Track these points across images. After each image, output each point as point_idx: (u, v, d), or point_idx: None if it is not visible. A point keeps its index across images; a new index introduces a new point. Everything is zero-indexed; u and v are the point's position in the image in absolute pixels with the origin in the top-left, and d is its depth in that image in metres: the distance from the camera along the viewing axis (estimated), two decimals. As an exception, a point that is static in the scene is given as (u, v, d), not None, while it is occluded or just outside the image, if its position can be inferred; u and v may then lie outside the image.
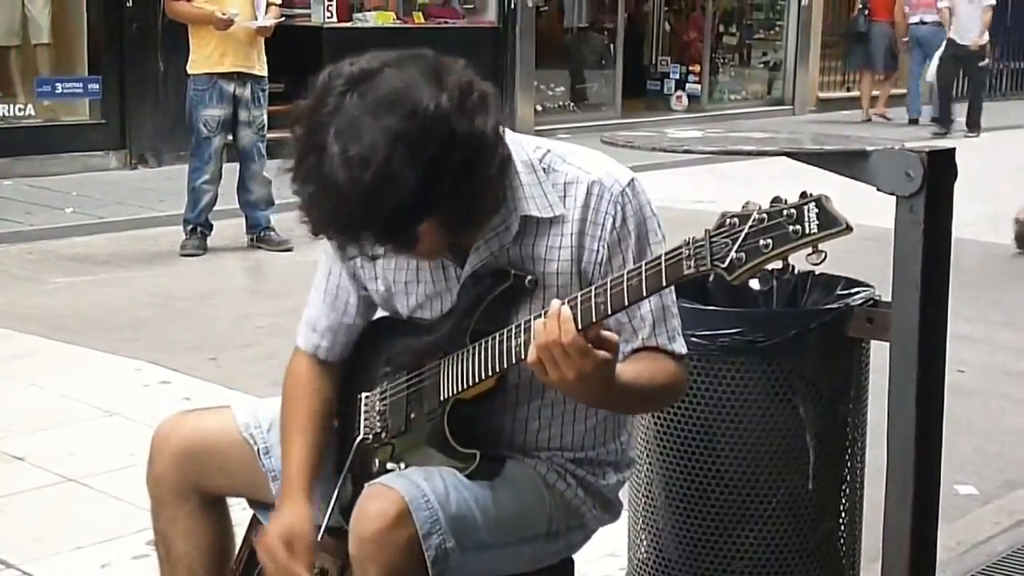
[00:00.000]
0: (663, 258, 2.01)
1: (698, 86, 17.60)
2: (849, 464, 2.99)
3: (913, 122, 17.20)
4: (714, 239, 1.93)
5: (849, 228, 1.85)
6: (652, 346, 2.37)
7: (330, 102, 2.13)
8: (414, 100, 2.10)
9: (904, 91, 17.98)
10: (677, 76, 17.54)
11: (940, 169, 2.64)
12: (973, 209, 8.94)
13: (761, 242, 1.88)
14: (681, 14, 18.24)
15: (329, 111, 2.13)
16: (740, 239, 1.90)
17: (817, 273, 3.16)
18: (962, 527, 4.09)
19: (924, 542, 2.82)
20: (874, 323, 2.88)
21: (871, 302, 2.93)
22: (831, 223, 1.85)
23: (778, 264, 1.91)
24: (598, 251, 2.35)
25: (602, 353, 2.09)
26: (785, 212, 1.88)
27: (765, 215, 1.89)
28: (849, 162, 2.73)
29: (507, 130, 2.31)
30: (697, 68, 17.64)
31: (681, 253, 1.98)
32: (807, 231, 1.85)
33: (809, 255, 1.88)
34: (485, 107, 2.18)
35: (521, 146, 2.38)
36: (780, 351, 2.85)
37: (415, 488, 2.26)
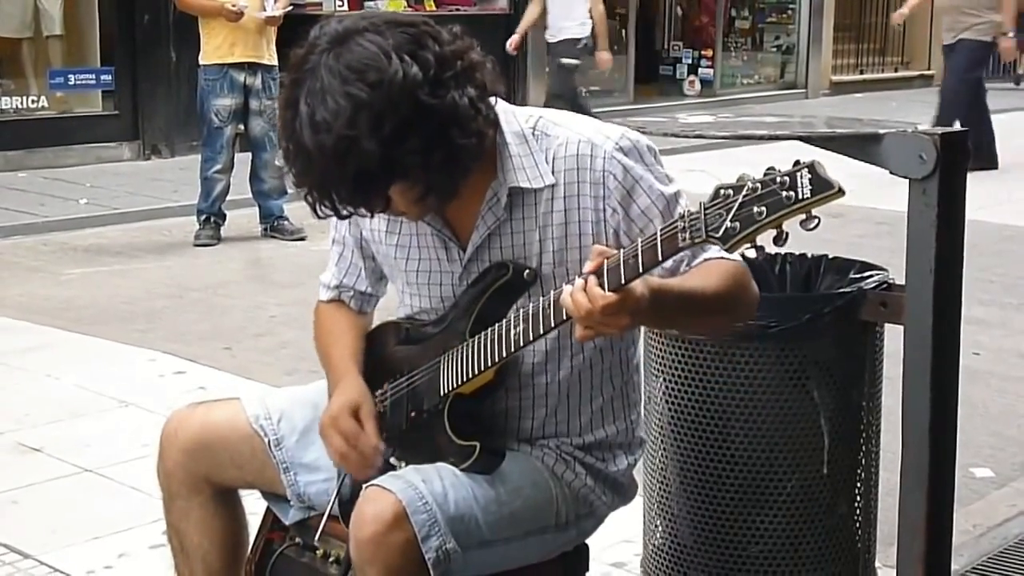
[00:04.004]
0: (659, 232, 2.02)
1: (711, 71, 17.55)
2: (864, 448, 2.98)
3: None
4: (708, 211, 1.94)
5: (841, 191, 1.86)
6: (698, 263, 2.32)
7: (311, 59, 2.18)
8: (382, 69, 2.13)
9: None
10: (689, 61, 17.50)
11: (953, 152, 2.63)
12: (988, 190, 8.94)
13: (755, 210, 1.89)
14: (693, -1, 18.21)
15: (308, 69, 2.18)
16: (734, 208, 1.91)
17: (831, 257, 3.15)
18: (978, 510, 4.08)
19: (940, 526, 2.82)
20: (888, 307, 2.87)
21: (885, 286, 2.92)
22: (824, 187, 1.86)
23: (773, 232, 1.91)
24: (604, 210, 2.34)
25: (632, 287, 2.06)
26: (778, 179, 1.89)
27: (759, 184, 1.90)
28: (862, 146, 2.72)
29: (500, 101, 2.33)
30: (709, 53, 17.61)
31: (676, 226, 1.99)
32: (800, 196, 1.86)
33: (803, 222, 1.88)
34: (466, 80, 2.20)
35: (514, 116, 2.39)
36: (794, 336, 2.84)
37: (412, 491, 2.26)
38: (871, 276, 2.96)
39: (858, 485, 2.99)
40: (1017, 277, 7.66)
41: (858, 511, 3.00)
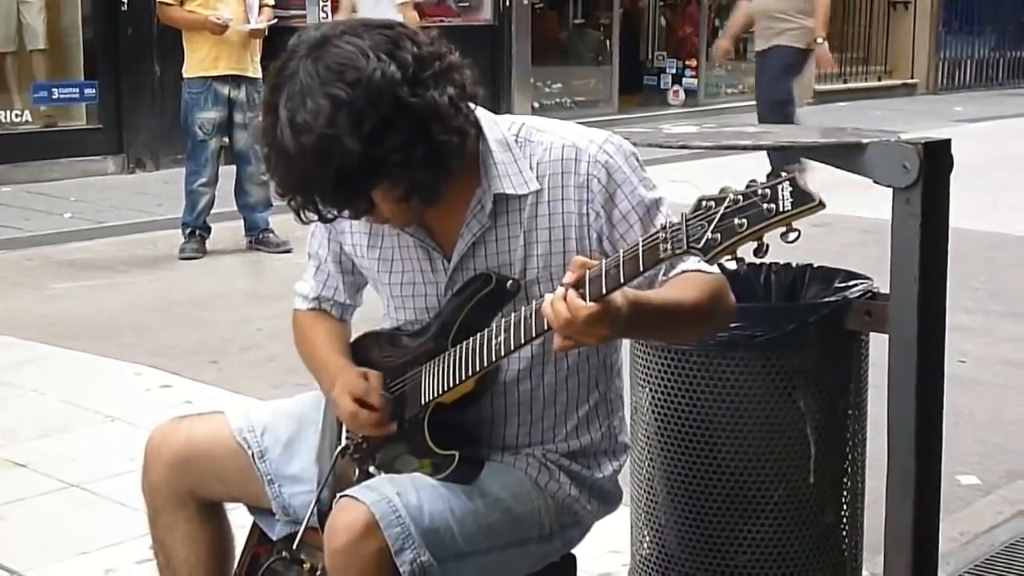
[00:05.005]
0: (640, 243, 2.03)
1: (695, 80, 17.58)
2: (850, 457, 2.99)
3: None
4: (690, 222, 1.95)
5: (822, 204, 1.87)
6: (676, 274, 2.34)
7: (291, 66, 2.20)
8: (360, 68, 2.15)
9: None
10: (673, 71, 17.52)
11: (936, 161, 2.64)
12: (972, 198, 8.96)
13: (736, 221, 1.90)
14: (676, 9, 18.22)
15: (288, 74, 2.19)
16: (716, 220, 1.92)
17: (816, 266, 3.16)
18: (964, 518, 4.09)
19: (926, 533, 2.82)
20: (872, 316, 2.87)
21: (869, 295, 2.92)
22: (804, 199, 1.87)
23: (753, 244, 1.92)
24: (588, 214, 2.36)
25: (612, 298, 2.08)
26: (759, 192, 1.90)
27: (740, 196, 1.91)
28: (845, 155, 2.73)
29: (482, 109, 2.35)
30: (693, 62, 17.63)
31: (658, 237, 2.00)
32: (781, 208, 1.88)
33: (783, 234, 1.89)
34: (445, 79, 2.22)
35: (496, 124, 2.40)
36: (779, 345, 2.84)
37: (386, 504, 2.26)
38: (856, 285, 2.96)
39: (845, 494, 3.00)
40: (1002, 284, 7.69)
41: (845, 519, 3.01)
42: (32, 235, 9.08)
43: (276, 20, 8.93)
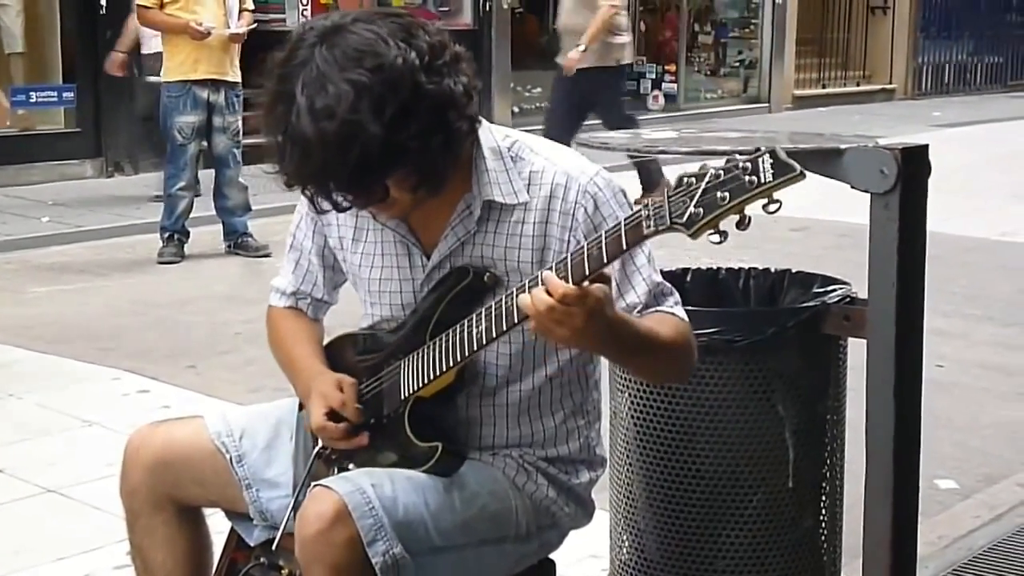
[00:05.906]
0: (623, 222, 2.03)
1: (674, 85, 17.61)
2: (829, 462, 2.99)
3: None
4: (672, 198, 1.96)
5: (803, 174, 1.88)
6: (650, 313, 2.37)
7: (300, 54, 2.17)
8: (381, 54, 2.14)
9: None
10: (653, 76, 17.54)
11: (914, 166, 2.65)
12: (950, 203, 9.01)
13: (718, 195, 1.91)
14: (656, 14, 18.23)
15: (299, 63, 2.16)
16: (698, 195, 1.93)
17: (794, 271, 3.17)
18: (943, 522, 4.10)
19: (905, 538, 2.83)
20: (851, 320, 2.88)
21: (848, 300, 2.93)
22: (785, 170, 1.88)
23: (737, 217, 1.92)
24: (569, 242, 2.36)
25: (596, 286, 2.08)
26: (740, 165, 1.91)
27: (721, 171, 1.92)
28: (824, 160, 2.73)
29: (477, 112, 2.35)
30: (673, 67, 17.66)
31: (640, 214, 2.00)
32: (763, 180, 1.88)
33: (765, 205, 1.90)
34: (456, 68, 2.22)
35: (490, 133, 2.41)
36: (758, 350, 2.85)
37: (359, 495, 2.26)
38: (834, 290, 2.97)
39: (823, 498, 3.00)
40: (979, 288, 7.72)
41: (823, 524, 3.01)
42: (10, 239, 9.04)
43: (256, 24, 8.91)
